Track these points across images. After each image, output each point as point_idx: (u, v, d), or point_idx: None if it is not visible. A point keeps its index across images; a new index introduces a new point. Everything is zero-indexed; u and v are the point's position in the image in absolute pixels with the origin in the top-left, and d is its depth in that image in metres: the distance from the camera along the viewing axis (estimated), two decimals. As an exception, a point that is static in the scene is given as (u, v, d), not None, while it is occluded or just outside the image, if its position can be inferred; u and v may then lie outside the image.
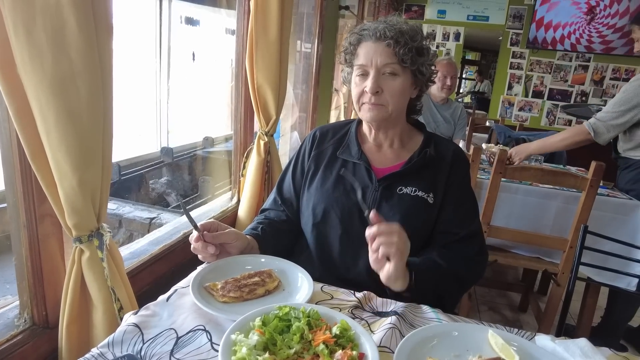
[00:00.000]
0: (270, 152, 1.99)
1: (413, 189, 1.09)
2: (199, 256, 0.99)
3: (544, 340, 0.81)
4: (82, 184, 0.92)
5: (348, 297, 0.94)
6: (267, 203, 1.28)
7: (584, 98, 5.27)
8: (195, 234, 0.96)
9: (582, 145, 2.18)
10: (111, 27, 0.91)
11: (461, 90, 8.54)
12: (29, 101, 0.83)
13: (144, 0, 4.02)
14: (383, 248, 0.86)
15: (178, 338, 0.77)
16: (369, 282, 1.07)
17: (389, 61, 1.04)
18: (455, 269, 1.05)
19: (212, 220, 1.01)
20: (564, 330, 1.49)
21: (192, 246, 0.97)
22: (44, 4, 0.79)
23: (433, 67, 1.13)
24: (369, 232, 0.87)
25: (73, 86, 0.84)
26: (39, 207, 0.98)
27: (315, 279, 0.96)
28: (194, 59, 4.64)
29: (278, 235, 1.17)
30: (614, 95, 5.12)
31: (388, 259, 0.88)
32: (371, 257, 0.90)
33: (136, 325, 0.79)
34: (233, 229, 1.03)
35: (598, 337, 2.15)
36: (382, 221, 0.87)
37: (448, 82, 2.92)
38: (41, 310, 1.05)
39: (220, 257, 1.00)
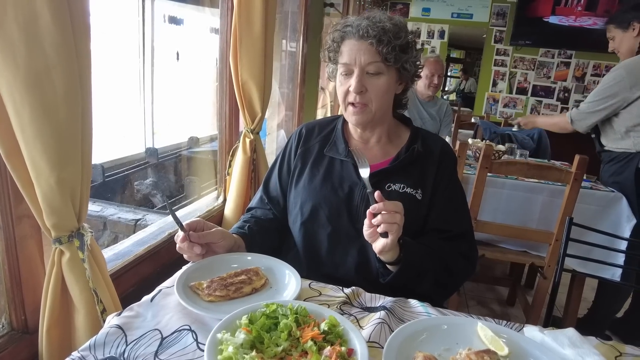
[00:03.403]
0: (256, 150, 1.97)
1: (401, 186, 1.09)
2: (185, 256, 0.97)
3: (532, 331, 0.82)
4: (60, 182, 0.89)
5: (336, 293, 0.93)
6: (254, 202, 1.27)
7: (566, 94, 5.36)
8: (180, 233, 0.94)
9: (565, 132, 2.40)
10: (88, 19, 0.88)
11: (446, 88, 8.61)
12: (2, 97, 0.80)
13: (125, -1, 3.96)
14: (385, 226, 0.87)
15: (163, 339, 0.75)
16: (358, 280, 1.06)
17: (372, 60, 1.03)
18: (444, 254, 1.05)
19: (198, 219, 0.99)
20: (551, 322, 1.50)
21: (177, 246, 0.95)
22: (16, -4, 0.76)
23: (418, 63, 1.13)
24: (373, 207, 0.88)
25: (48, 80, 0.81)
26: (16, 207, 0.95)
27: (303, 277, 0.95)
28: (178, 59, 4.59)
29: (265, 233, 1.15)
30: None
31: (385, 234, 0.89)
32: (367, 230, 0.91)
33: (119, 327, 0.77)
34: (219, 227, 1.01)
35: (584, 329, 2.19)
36: (385, 199, 0.88)
37: (435, 80, 2.93)
38: (20, 315, 1.01)
39: (207, 257, 0.98)
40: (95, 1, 0.91)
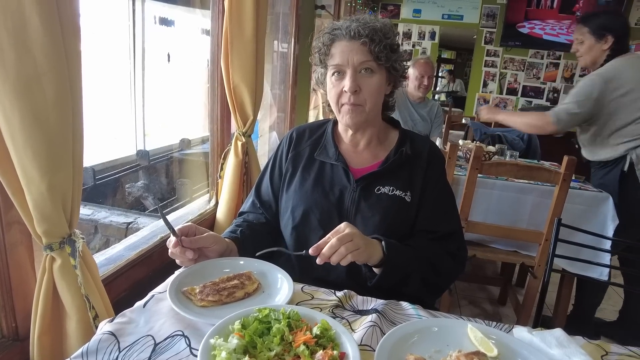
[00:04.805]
0: (248, 153, 1.98)
1: (391, 189, 1.10)
2: (177, 261, 0.97)
3: (521, 332, 0.83)
4: (51, 189, 0.89)
5: (328, 296, 0.94)
6: (246, 206, 1.27)
7: (555, 94, 5.43)
8: (172, 238, 0.94)
9: (539, 132, 2.35)
10: (78, 25, 0.88)
11: (437, 88, 8.66)
12: (-9, 104, 0.80)
13: (116, 0, 3.93)
14: (343, 262, 0.89)
15: (156, 345, 0.75)
16: (349, 283, 1.07)
17: (365, 59, 1.04)
18: (431, 254, 1.06)
19: (189, 224, 0.99)
20: (541, 322, 1.52)
21: (169, 251, 0.95)
22: (5, 2, 0.75)
23: (405, 63, 1.14)
24: (319, 261, 0.89)
25: (38, 87, 0.81)
26: (6, 214, 0.94)
27: (295, 281, 0.96)
28: (169, 60, 4.56)
29: (257, 238, 1.16)
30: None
31: None
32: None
33: (112, 334, 0.77)
34: (211, 232, 1.01)
35: (573, 326, 2.22)
36: (321, 248, 0.89)
37: (425, 81, 2.95)
38: (10, 322, 1.00)
39: (199, 261, 0.99)
40: (85, 3, 0.90)
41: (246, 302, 0.88)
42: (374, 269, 1.00)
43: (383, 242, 0.98)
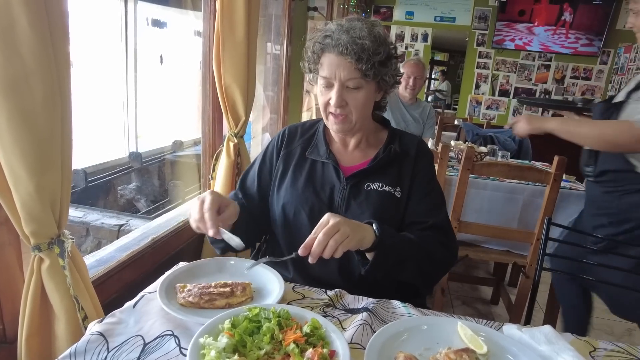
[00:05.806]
0: (240, 154, 1.97)
1: (380, 185, 1.10)
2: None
3: (510, 330, 0.84)
4: (40, 189, 0.88)
5: (320, 295, 0.94)
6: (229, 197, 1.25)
7: (547, 96, 5.48)
8: (211, 231, 0.92)
9: (618, 149, 1.49)
10: (67, 25, 0.87)
11: (431, 89, 8.73)
12: (-21, 103, 0.79)
13: (107, 1, 3.92)
14: (336, 254, 0.85)
15: (145, 344, 0.75)
16: (341, 281, 1.07)
17: (352, 76, 1.03)
18: (424, 242, 1.04)
19: (220, 199, 0.98)
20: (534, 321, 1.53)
21: (195, 225, 0.96)
22: (-8, 2, 0.75)
23: (397, 73, 1.13)
24: (311, 260, 0.86)
25: (26, 87, 0.80)
26: (-7, 214, 0.93)
27: (288, 280, 0.95)
28: (161, 62, 4.55)
29: (249, 215, 1.14)
30: (574, 93, 5.39)
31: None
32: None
33: (101, 334, 0.76)
34: (233, 203, 1.03)
35: None
36: (309, 246, 0.85)
37: (411, 82, 2.97)
38: (-2, 324, 0.99)
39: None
40: (76, 4, 0.90)
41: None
42: (368, 256, 0.97)
43: (374, 224, 0.95)
